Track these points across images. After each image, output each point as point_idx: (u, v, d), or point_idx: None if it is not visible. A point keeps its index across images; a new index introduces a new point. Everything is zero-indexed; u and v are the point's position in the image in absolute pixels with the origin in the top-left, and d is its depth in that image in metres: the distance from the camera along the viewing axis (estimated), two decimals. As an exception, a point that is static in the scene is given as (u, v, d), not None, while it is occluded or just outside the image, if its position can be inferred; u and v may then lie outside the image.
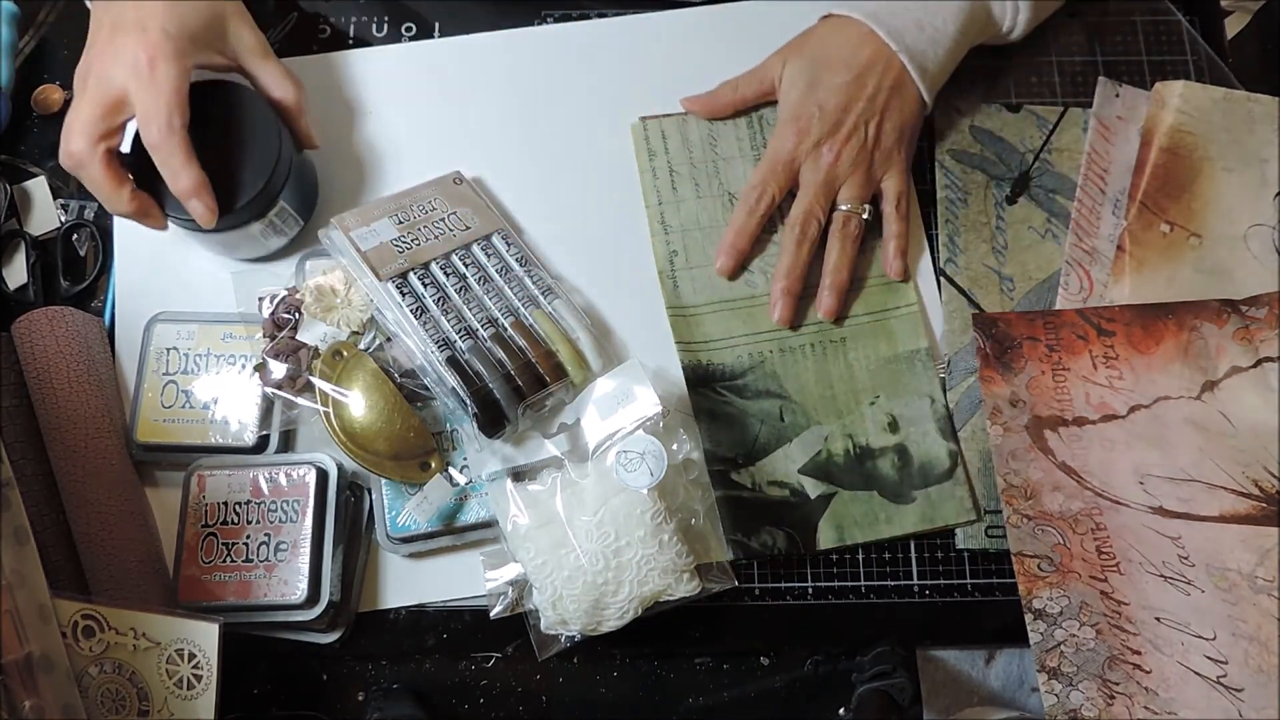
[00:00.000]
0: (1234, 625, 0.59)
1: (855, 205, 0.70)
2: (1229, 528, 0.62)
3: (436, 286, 0.66)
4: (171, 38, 0.61)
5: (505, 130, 0.76)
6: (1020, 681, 0.69)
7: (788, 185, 0.71)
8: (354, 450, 0.62)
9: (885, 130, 0.70)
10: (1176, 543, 0.61)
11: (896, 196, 0.71)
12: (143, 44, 0.60)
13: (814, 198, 0.69)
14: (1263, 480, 0.63)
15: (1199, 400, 0.66)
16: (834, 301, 0.70)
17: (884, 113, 0.70)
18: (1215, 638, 0.59)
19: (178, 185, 0.61)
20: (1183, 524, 0.62)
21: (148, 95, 0.60)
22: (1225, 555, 0.61)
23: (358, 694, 0.67)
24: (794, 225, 0.70)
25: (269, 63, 0.67)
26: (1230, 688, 0.57)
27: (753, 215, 0.70)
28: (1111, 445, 0.64)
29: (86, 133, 0.61)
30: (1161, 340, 0.68)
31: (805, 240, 0.69)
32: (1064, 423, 0.65)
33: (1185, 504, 0.63)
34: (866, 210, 0.70)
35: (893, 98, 0.70)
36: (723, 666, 0.68)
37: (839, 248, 0.70)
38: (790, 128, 0.70)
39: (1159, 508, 0.62)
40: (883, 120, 0.70)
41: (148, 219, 0.64)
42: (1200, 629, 0.59)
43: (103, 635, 0.58)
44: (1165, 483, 0.63)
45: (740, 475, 0.67)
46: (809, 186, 0.70)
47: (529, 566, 0.60)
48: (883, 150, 0.70)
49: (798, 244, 0.69)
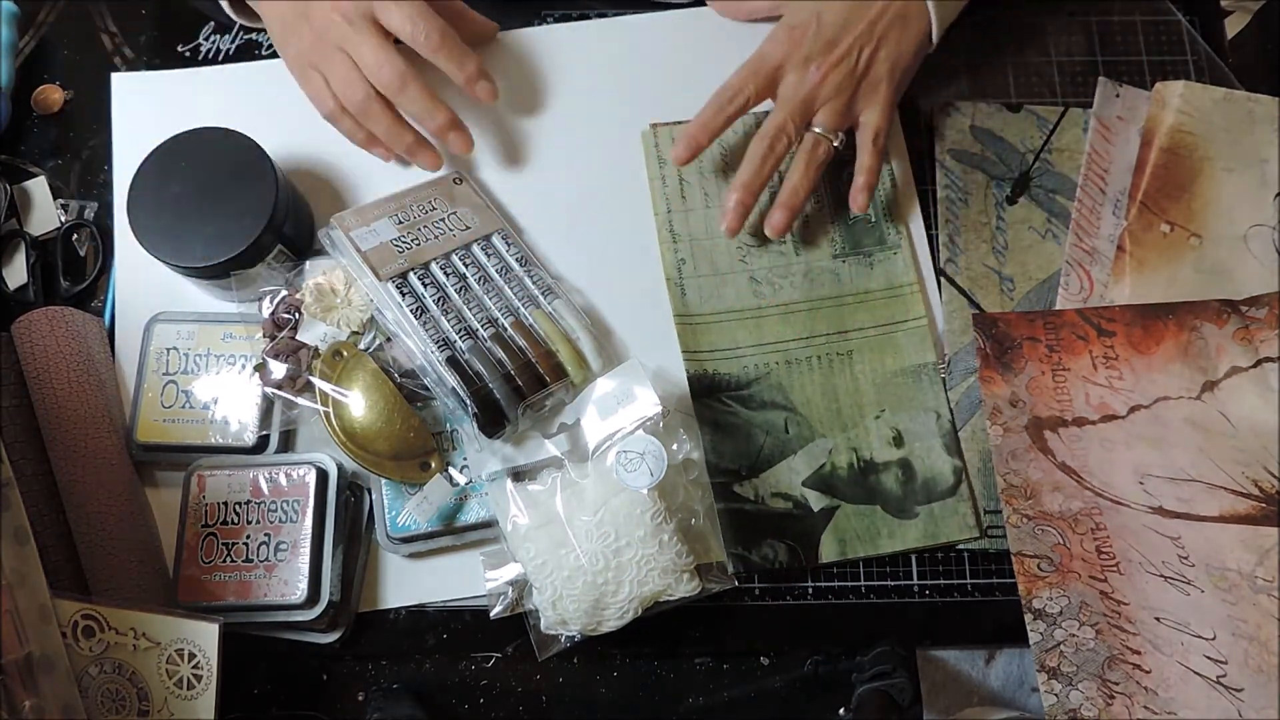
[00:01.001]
0: (1234, 625, 0.59)
1: (828, 131, 0.68)
2: (1229, 528, 0.62)
3: (437, 286, 0.66)
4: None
5: (505, 130, 0.76)
6: (1020, 681, 0.69)
7: (766, 94, 0.69)
8: (354, 450, 0.62)
9: (878, 60, 0.68)
10: (1176, 543, 0.61)
11: (875, 131, 0.69)
12: (336, 9, 0.64)
13: (789, 115, 0.68)
14: (1263, 480, 0.63)
15: (1199, 400, 0.66)
16: (784, 219, 0.68)
17: (880, 41, 0.68)
18: (1215, 638, 0.59)
19: (434, 123, 0.65)
20: (1182, 524, 0.62)
21: (365, 47, 0.64)
22: (1225, 555, 0.61)
23: (358, 694, 0.67)
24: (764, 138, 0.68)
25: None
26: (1230, 688, 0.57)
27: (721, 113, 0.68)
28: (1111, 445, 0.64)
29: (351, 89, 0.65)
30: (1161, 340, 0.68)
31: (771, 156, 0.68)
32: (1064, 423, 0.65)
33: (1185, 504, 0.63)
34: (839, 139, 0.69)
35: (893, 28, 0.68)
36: (723, 666, 0.68)
37: (801, 169, 0.68)
38: (785, 34, 0.69)
39: (1159, 508, 0.62)
40: (877, 49, 0.68)
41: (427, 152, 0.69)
42: (1200, 629, 0.59)
43: (103, 635, 0.58)
44: (1165, 483, 0.63)
45: (743, 488, 0.66)
46: (787, 102, 0.68)
47: (529, 566, 0.60)
48: (870, 81, 0.69)
49: (763, 159, 0.67)
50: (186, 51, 0.78)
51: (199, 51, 0.78)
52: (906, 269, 0.72)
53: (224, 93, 0.77)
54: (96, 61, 0.78)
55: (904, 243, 0.73)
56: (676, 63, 0.77)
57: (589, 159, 0.75)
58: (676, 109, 0.76)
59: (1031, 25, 0.79)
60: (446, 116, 0.66)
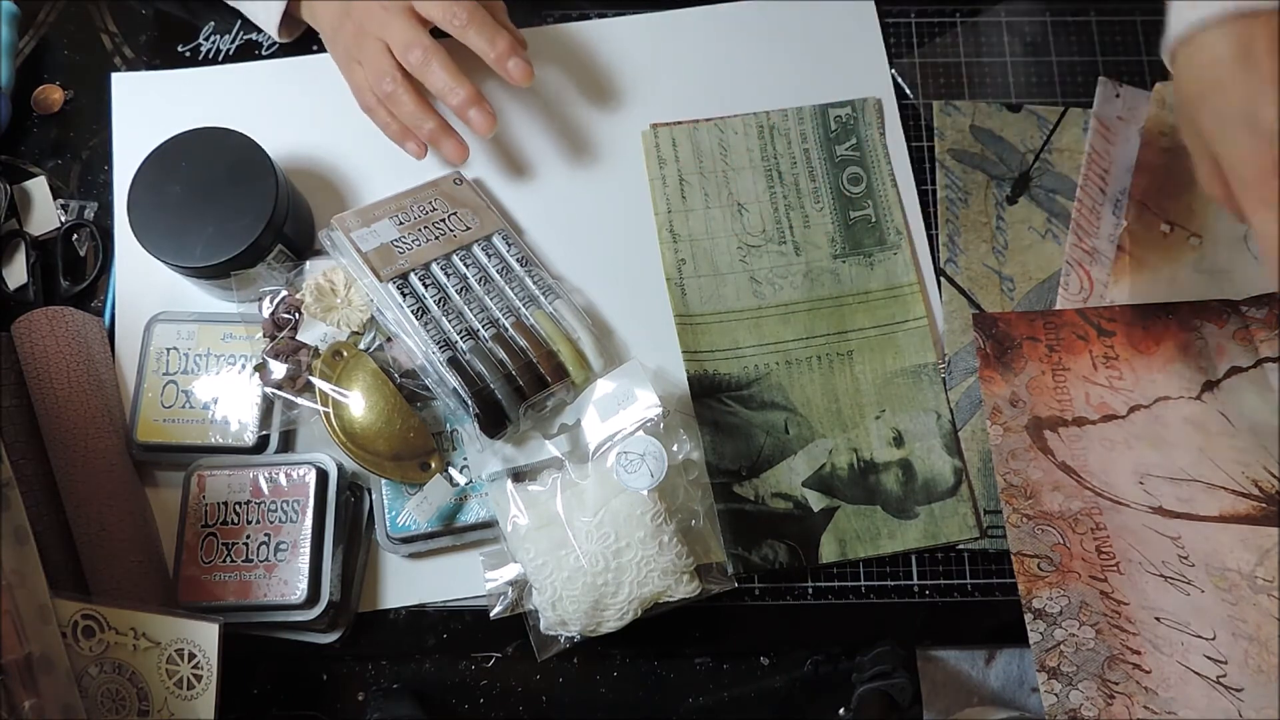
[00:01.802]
0: (1234, 625, 0.59)
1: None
2: (1228, 527, 0.62)
3: (437, 287, 0.66)
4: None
5: (506, 130, 0.76)
6: (1020, 681, 0.69)
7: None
8: (354, 450, 0.62)
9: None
10: (1176, 542, 0.61)
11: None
12: (376, 3, 0.66)
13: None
14: (1262, 480, 0.63)
15: (1199, 400, 0.66)
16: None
17: None
18: (1215, 637, 0.59)
19: (457, 98, 0.65)
20: (1182, 524, 0.62)
21: (396, 29, 0.65)
22: (1225, 555, 0.61)
23: (358, 694, 0.67)
24: None
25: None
26: (1230, 688, 0.57)
27: None
28: (1111, 445, 0.64)
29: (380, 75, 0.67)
30: (1162, 340, 0.68)
31: None
32: (1064, 423, 0.65)
33: (1185, 504, 0.63)
34: None
35: None
36: (723, 666, 0.68)
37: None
38: None
39: (1159, 507, 0.62)
40: None
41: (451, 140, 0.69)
42: (1200, 629, 0.59)
43: (103, 635, 0.58)
44: (1165, 483, 0.63)
45: (743, 488, 0.66)
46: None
47: (529, 567, 0.60)
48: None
49: None
50: (186, 51, 0.78)
51: (199, 51, 0.78)
52: (906, 269, 0.72)
53: (224, 93, 0.77)
54: (96, 61, 0.78)
55: (904, 243, 0.73)
56: (676, 63, 0.77)
57: (589, 159, 0.75)
58: (676, 109, 0.76)
59: (1031, 25, 0.79)
60: (469, 91, 0.66)
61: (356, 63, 0.69)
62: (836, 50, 0.78)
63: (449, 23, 0.65)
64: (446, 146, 0.69)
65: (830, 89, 0.76)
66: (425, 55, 0.65)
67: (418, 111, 0.68)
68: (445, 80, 0.66)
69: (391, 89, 0.67)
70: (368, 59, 0.68)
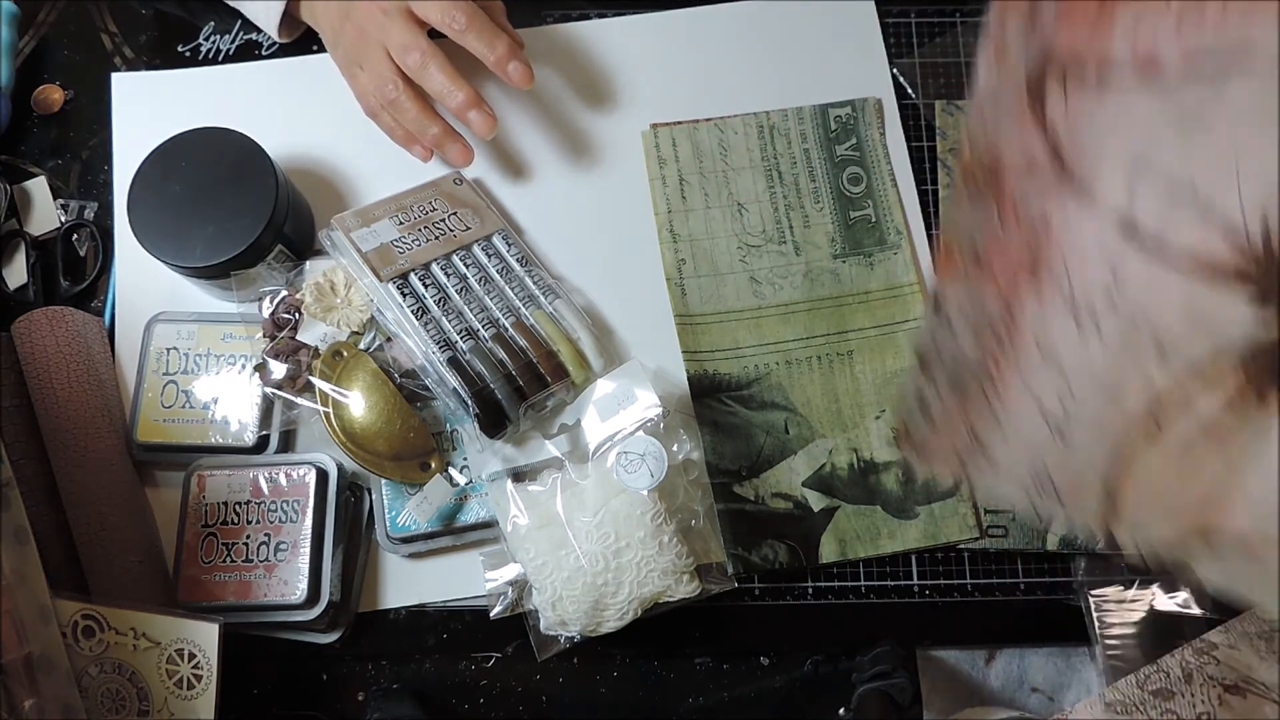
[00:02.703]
0: (1109, 389, 0.41)
1: None
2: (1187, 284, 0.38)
3: (437, 287, 0.66)
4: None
5: (506, 130, 0.76)
6: (1020, 681, 0.69)
7: None
8: (354, 450, 0.62)
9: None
10: (1116, 274, 0.40)
11: None
12: (375, 6, 0.67)
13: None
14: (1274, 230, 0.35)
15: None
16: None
17: None
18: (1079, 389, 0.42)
19: (455, 101, 0.65)
20: (1139, 257, 0.39)
21: (395, 33, 0.65)
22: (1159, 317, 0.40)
23: (358, 694, 0.67)
24: None
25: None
26: (1061, 433, 0.43)
27: None
28: (1127, 121, 0.39)
29: (382, 81, 0.67)
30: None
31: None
32: (1082, 71, 0.38)
33: (1160, 227, 0.38)
34: None
35: None
36: (723, 666, 0.68)
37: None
38: None
39: (1128, 220, 0.39)
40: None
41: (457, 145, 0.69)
42: (1073, 378, 0.43)
43: (103, 635, 0.58)
44: (1161, 193, 0.38)
45: (743, 488, 0.66)
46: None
47: (529, 567, 0.60)
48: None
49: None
50: (186, 51, 0.78)
51: (199, 51, 0.78)
52: (906, 269, 0.72)
53: (224, 93, 0.77)
54: (96, 61, 0.78)
55: (904, 243, 0.73)
56: (676, 63, 0.77)
57: (589, 159, 0.75)
58: (676, 109, 0.76)
59: (1032, 25, 0.79)
60: (468, 93, 0.66)
61: (359, 68, 0.69)
62: (836, 50, 0.78)
63: (447, 25, 0.65)
64: (451, 151, 0.69)
65: (830, 89, 0.76)
66: (423, 58, 0.65)
67: (421, 117, 0.68)
68: (443, 83, 0.66)
69: (395, 95, 0.67)
70: (370, 64, 0.68)
